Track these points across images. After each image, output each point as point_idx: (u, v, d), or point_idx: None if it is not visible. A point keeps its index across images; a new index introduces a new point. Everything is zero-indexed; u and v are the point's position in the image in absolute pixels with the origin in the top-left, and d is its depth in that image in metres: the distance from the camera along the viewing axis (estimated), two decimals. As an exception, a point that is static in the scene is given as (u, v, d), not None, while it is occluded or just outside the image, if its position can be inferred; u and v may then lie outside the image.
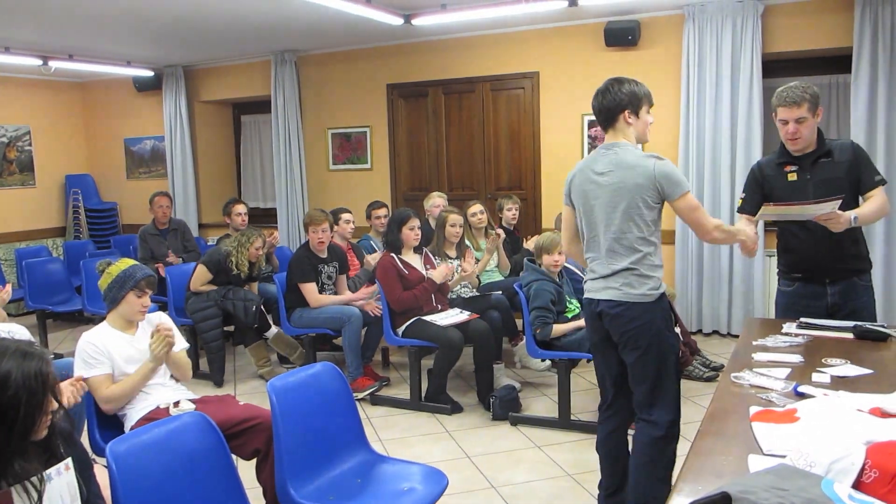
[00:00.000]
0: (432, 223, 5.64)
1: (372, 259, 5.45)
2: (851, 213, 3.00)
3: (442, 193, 6.26)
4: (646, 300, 2.81)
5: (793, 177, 3.27)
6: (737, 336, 5.93)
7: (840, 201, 2.98)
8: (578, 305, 4.43)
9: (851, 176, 3.18)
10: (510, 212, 5.97)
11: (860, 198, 3.20)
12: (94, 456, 2.98)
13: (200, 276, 5.37)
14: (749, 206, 3.39)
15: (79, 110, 9.32)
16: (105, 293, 3.23)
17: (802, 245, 3.30)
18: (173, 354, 3.22)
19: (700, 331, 6.24)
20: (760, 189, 3.37)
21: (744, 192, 3.46)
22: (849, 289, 3.26)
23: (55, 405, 1.74)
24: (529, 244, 5.56)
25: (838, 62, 5.85)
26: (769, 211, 3.16)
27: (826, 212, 2.97)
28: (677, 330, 3.19)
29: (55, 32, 6.34)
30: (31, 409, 1.67)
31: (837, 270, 3.25)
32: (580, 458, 3.91)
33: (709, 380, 4.99)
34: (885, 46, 5.35)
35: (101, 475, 2.17)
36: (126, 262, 3.26)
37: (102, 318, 3.29)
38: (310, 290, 5.08)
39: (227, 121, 9.08)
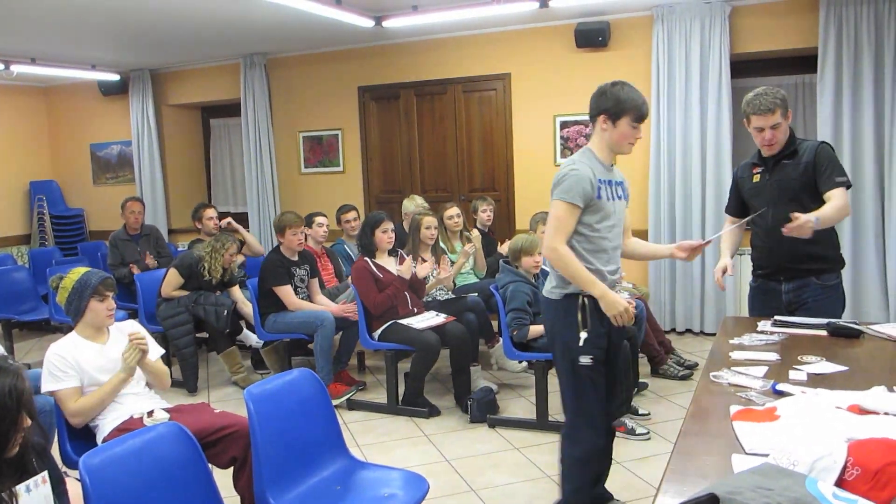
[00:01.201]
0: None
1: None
2: (812, 215, 2.98)
3: (416, 197, 6.22)
4: (550, 296, 2.90)
5: (757, 178, 3.39)
6: (710, 335, 6.01)
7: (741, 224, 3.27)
8: (554, 306, 4.43)
9: (806, 177, 3.21)
10: (485, 213, 5.97)
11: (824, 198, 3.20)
12: (65, 469, 2.91)
13: (172, 281, 5.29)
14: (730, 208, 3.57)
15: (43, 115, 9.13)
16: (66, 307, 3.16)
17: (763, 243, 3.41)
18: (150, 363, 3.16)
19: (674, 329, 6.30)
20: (738, 190, 3.50)
21: (729, 193, 3.63)
22: (802, 287, 3.31)
23: (28, 421, 1.69)
24: (503, 248, 5.54)
25: (804, 62, 5.94)
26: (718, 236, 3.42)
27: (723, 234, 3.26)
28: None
29: (16, 36, 6.20)
30: (5, 427, 1.62)
31: (791, 270, 3.31)
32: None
33: (683, 378, 5.03)
34: (849, 47, 5.44)
35: (74, 488, 2.12)
36: (78, 272, 3.19)
37: (70, 327, 3.21)
38: (286, 292, 5.03)
39: (195, 125, 8.97)
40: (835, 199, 3.14)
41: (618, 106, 2.76)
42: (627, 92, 2.75)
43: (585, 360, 2.81)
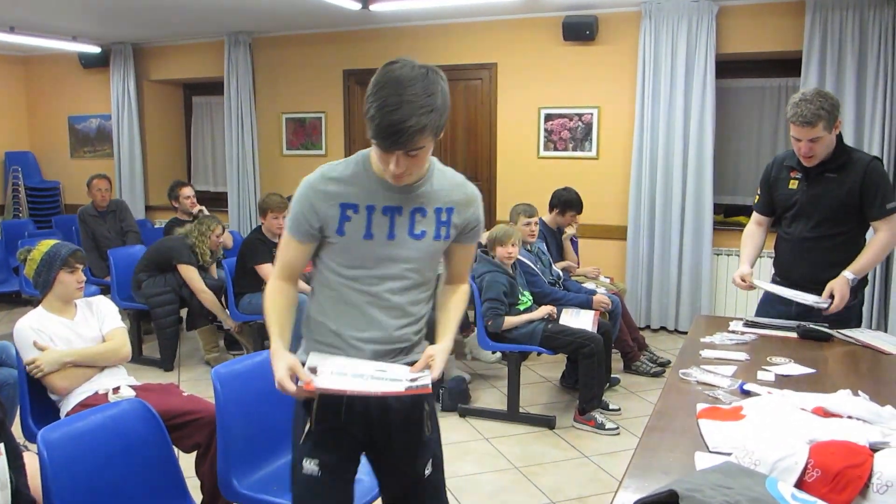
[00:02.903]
0: None
1: None
2: (848, 275, 2.87)
3: None
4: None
5: (794, 184, 3.10)
6: (684, 333, 6.05)
7: (827, 305, 2.89)
8: (531, 298, 4.44)
9: (851, 198, 2.95)
10: None
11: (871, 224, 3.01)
12: (25, 443, 2.88)
13: (196, 278, 5.18)
14: (760, 205, 3.30)
15: (21, 85, 8.97)
16: (34, 279, 3.11)
17: (783, 253, 3.21)
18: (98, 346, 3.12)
19: (648, 326, 6.32)
20: (769, 189, 3.23)
21: (759, 188, 3.33)
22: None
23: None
24: (483, 237, 5.53)
25: (789, 65, 5.96)
26: (761, 285, 3.15)
27: (810, 303, 2.91)
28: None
29: (-4, 2, 6.08)
30: None
31: (807, 286, 3.05)
32: (528, 451, 3.92)
33: (655, 375, 5.05)
34: (833, 51, 5.46)
35: (32, 462, 2.08)
36: (47, 244, 3.15)
37: (40, 301, 3.16)
38: (268, 270, 4.98)
39: (177, 101, 8.85)
40: (878, 236, 2.94)
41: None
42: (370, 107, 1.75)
43: (309, 466, 1.92)
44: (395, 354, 1.94)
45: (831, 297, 2.91)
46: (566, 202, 5.30)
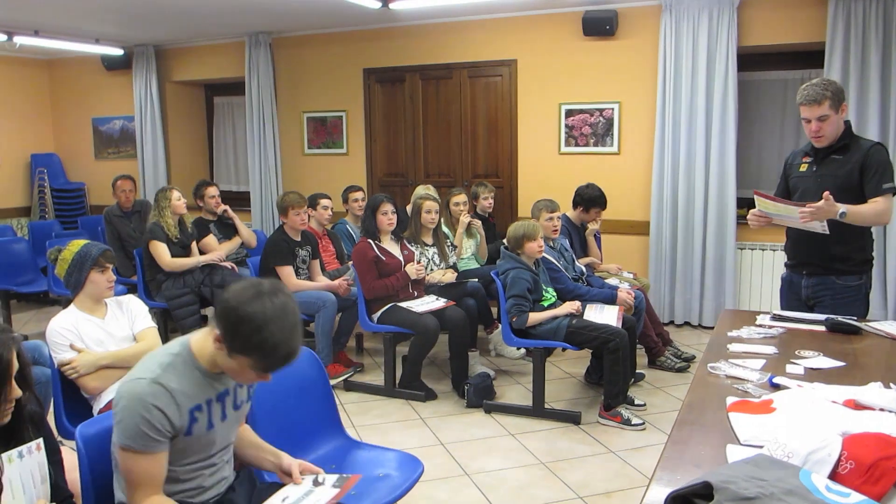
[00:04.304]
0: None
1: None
2: (841, 207, 2.99)
3: (430, 186, 6.14)
4: None
5: (804, 168, 3.35)
6: (708, 328, 6.02)
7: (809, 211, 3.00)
8: (555, 294, 4.44)
9: (852, 177, 3.16)
10: (486, 200, 5.94)
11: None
12: (60, 439, 2.92)
13: (162, 252, 5.26)
14: (778, 192, 3.49)
15: (45, 88, 9.10)
16: (66, 279, 3.15)
17: (794, 235, 3.38)
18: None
19: (672, 322, 6.30)
20: (786, 176, 3.48)
21: (780, 177, 3.57)
22: (822, 285, 3.31)
23: (19, 392, 1.68)
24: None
25: (811, 57, 5.90)
26: (762, 204, 3.20)
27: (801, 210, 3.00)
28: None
29: (20, 7, 6.15)
30: None
31: (814, 266, 3.31)
32: (553, 446, 3.92)
33: (680, 370, 5.03)
34: (856, 42, 5.40)
35: (69, 457, 2.12)
36: (77, 244, 3.19)
37: (69, 300, 3.21)
38: (287, 273, 5.03)
39: (199, 102, 8.93)
40: (876, 203, 3.11)
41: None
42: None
43: None
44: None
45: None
46: (590, 199, 5.28)
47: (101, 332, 3.10)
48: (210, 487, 2.09)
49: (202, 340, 1.96)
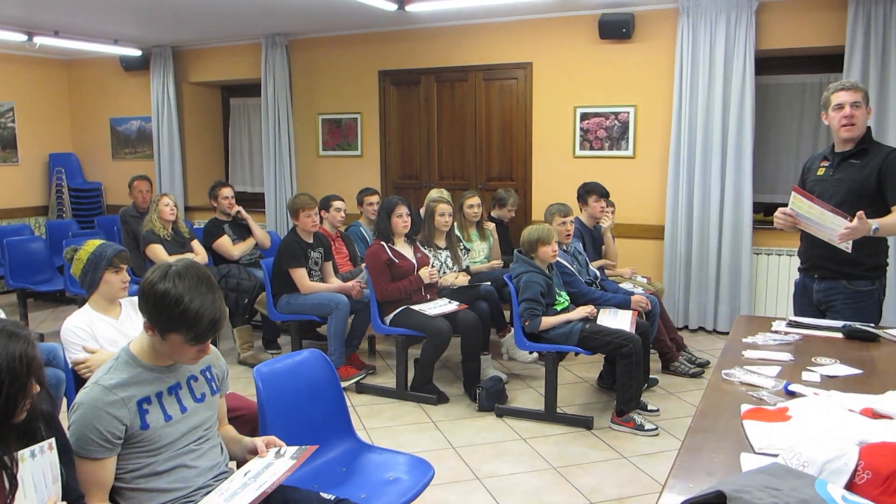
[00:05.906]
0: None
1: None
2: (874, 223, 2.95)
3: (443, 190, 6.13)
4: None
5: (821, 171, 3.37)
6: (723, 333, 5.97)
7: (846, 221, 2.93)
8: (568, 298, 4.42)
9: (870, 182, 3.15)
10: (510, 211, 6.03)
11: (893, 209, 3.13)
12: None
13: (161, 252, 5.37)
14: None
15: (64, 88, 9.18)
16: (81, 279, 3.18)
17: (807, 238, 3.34)
18: None
19: (686, 327, 6.25)
20: (804, 179, 3.48)
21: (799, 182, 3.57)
22: (833, 289, 3.29)
23: (37, 388, 1.69)
24: None
25: (830, 61, 5.84)
26: (797, 203, 3.11)
27: (840, 231, 2.94)
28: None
29: (41, 8, 6.22)
30: (14, 392, 1.62)
31: (826, 269, 3.30)
32: (565, 451, 3.90)
33: (694, 376, 5.00)
34: (876, 46, 5.35)
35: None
36: (93, 244, 3.22)
37: (84, 300, 3.23)
38: (300, 275, 5.04)
39: (215, 103, 8.98)
40: None
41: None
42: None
43: None
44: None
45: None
46: (586, 190, 5.28)
47: (115, 331, 3.11)
48: (205, 469, 2.17)
49: (138, 340, 2.09)
